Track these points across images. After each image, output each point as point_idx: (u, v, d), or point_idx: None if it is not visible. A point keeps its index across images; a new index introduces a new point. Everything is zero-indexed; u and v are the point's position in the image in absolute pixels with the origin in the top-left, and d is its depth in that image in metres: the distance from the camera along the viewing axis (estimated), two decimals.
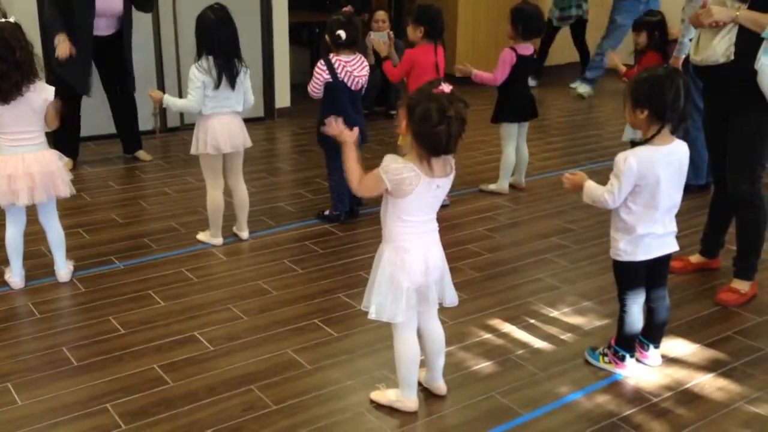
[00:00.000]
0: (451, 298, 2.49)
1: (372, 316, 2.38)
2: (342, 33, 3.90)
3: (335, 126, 2.46)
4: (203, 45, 3.58)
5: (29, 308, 3.17)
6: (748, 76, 2.97)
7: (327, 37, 4.01)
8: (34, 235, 3.52)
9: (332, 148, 4.14)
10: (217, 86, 3.57)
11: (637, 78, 2.59)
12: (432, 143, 2.21)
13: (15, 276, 3.33)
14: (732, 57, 3.02)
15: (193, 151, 3.72)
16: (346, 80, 3.95)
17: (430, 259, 2.37)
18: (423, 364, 2.56)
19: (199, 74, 3.55)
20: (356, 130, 2.45)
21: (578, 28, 7.72)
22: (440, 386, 2.61)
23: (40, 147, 3.21)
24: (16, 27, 3.08)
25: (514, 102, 4.56)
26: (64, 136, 4.72)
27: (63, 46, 4.49)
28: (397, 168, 2.25)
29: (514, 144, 4.64)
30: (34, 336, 2.97)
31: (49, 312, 3.15)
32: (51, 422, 2.44)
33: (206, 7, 3.61)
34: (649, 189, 2.53)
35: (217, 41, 3.56)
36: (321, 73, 3.94)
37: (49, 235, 3.37)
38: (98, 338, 2.94)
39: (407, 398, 2.50)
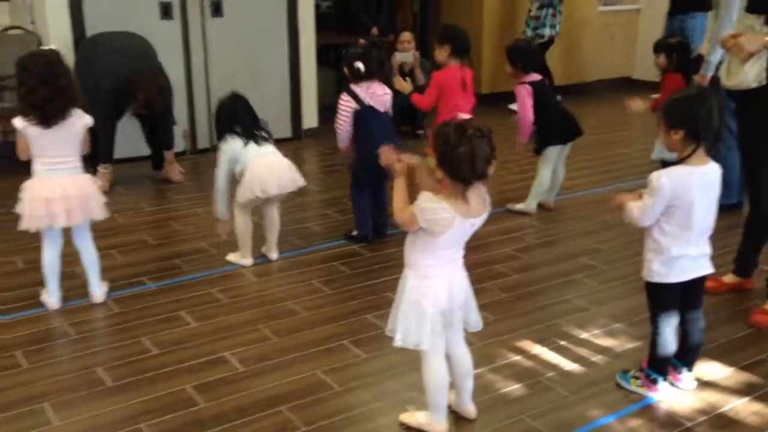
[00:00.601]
0: (476, 323, 2.50)
1: (398, 343, 2.38)
2: (360, 65, 3.97)
3: (388, 156, 2.41)
4: (225, 130, 3.69)
5: (65, 329, 3.23)
6: None
7: (345, 69, 4.08)
8: (69, 257, 3.57)
9: (354, 171, 4.19)
10: (245, 144, 3.66)
11: (670, 99, 2.58)
12: (458, 168, 2.18)
13: (52, 297, 3.39)
14: (764, 81, 3.01)
15: (241, 199, 3.72)
16: (373, 103, 3.99)
17: (454, 283, 2.38)
18: (452, 386, 2.56)
19: (226, 152, 3.67)
20: (405, 159, 2.39)
21: (544, 49, 7.45)
22: (469, 409, 2.60)
23: (76, 171, 3.28)
24: (59, 54, 3.18)
25: (555, 125, 4.53)
26: (104, 141, 4.87)
27: (103, 182, 4.77)
28: (431, 208, 2.23)
29: (552, 167, 4.61)
30: (69, 356, 3.02)
31: (84, 332, 3.21)
32: None
33: (221, 100, 3.75)
34: (684, 210, 2.51)
35: (239, 125, 3.67)
36: (347, 104, 3.99)
37: (84, 256, 3.44)
38: (132, 359, 2.99)
39: (437, 422, 2.50)
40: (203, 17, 5.81)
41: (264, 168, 3.67)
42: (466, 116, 2.23)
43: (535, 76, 4.52)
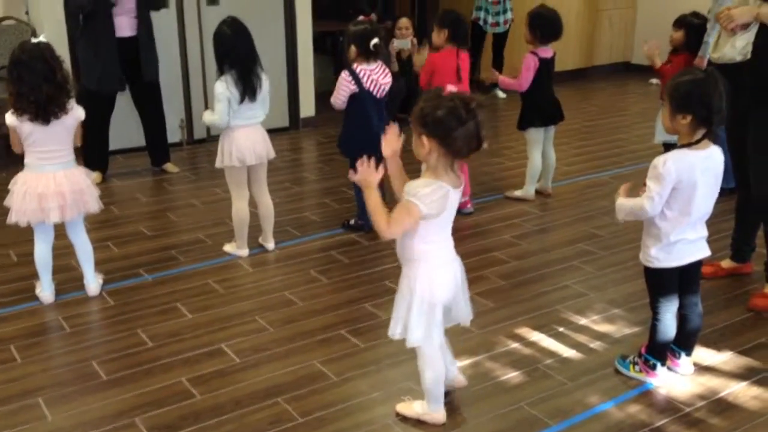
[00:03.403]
0: (469, 314, 2.48)
1: (412, 344, 2.34)
2: (377, 41, 3.90)
3: (364, 169, 2.28)
4: (224, 60, 3.61)
5: (59, 322, 3.21)
6: (765, 75, 2.91)
7: (354, 47, 3.98)
8: (64, 249, 3.55)
9: (357, 157, 4.13)
10: (241, 101, 3.60)
11: (678, 82, 2.46)
12: (465, 142, 2.13)
13: (45, 290, 3.37)
14: (749, 55, 2.96)
15: (218, 164, 3.74)
16: (372, 89, 3.95)
17: (458, 267, 2.37)
18: None
19: (223, 90, 3.58)
20: (381, 171, 2.29)
21: (502, 37, 7.37)
22: (461, 379, 2.64)
23: (69, 164, 3.24)
24: (50, 46, 3.13)
25: (539, 106, 4.52)
26: (94, 149, 4.81)
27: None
28: (429, 192, 2.18)
29: (540, 149, 4.60)
30: (64, 350, 3.00)
31: (79, 326, 3.19)
32: None
33: (220, 23, 3.64)
34: (686, 194, 2.47)
35: (237, 55, 3.58)
36: (347, 84, 3.92)
37: (78, 249, 3.41)
38: (127, 351, 2.97)
39: (435, 411, 2.49)
40: (199, 5, 5.75)
41: (243, 139, 3.66)
42: (454, 88, 2.18)
43: (548, 53, 4.48)
